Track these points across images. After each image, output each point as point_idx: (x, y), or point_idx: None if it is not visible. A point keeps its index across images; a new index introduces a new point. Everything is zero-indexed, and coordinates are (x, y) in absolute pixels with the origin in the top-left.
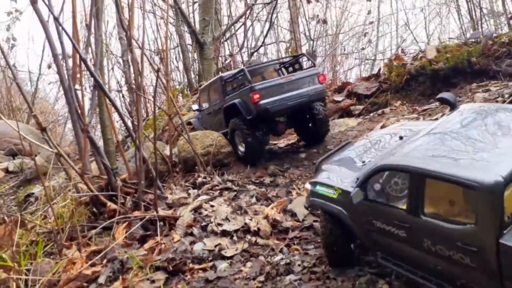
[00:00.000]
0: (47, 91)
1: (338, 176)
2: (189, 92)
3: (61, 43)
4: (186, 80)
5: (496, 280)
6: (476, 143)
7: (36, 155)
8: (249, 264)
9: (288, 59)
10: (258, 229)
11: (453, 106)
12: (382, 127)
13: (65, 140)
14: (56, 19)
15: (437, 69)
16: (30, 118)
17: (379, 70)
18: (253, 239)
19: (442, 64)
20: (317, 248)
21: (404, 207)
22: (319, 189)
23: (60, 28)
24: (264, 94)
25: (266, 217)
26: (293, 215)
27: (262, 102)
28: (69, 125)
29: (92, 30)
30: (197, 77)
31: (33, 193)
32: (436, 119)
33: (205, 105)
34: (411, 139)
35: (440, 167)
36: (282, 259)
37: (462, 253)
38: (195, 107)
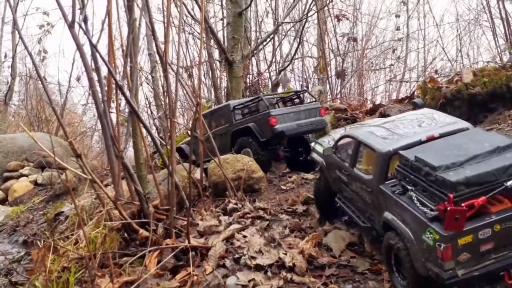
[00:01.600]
0: (75, 101)
1: (329, 140)
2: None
3: (97, 69)
4: (213, 97)
5: (376, 210)
6: (402, 130)
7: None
8: None
9: (292, 93)
10: (294, 264)
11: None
12: None
13: (91, 152)
14: (94, 46)
15: (474, 93)
16: (59, 129)
17: (413, 92)
18: (289, 275)
19: (480, 89)
20: (355, 287)
21: (351, 161)
22: (316, 146)
23: (97, 54)
24: (280, 119)
25: (302, 252)
26: (329, 249)
27: (277, 126)
28: (96, 136)
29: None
30: (225, 95)
31: (62, 212)
32: None
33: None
34: (368, 124)
35: (368, 139)
36: None
37: (366, 193)
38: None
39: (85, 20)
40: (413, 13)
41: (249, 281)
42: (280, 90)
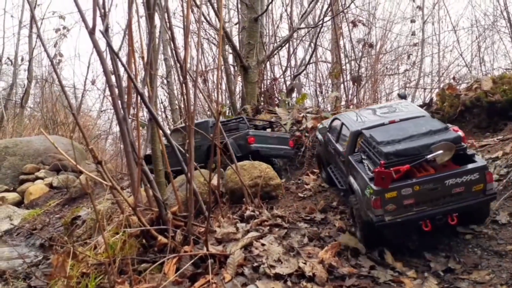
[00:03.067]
0: (90, 104)
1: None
2: (232, 115)
3: (118, 76)
4: (228, 102)
5: (346, 176)
6: (375, 115)
7: (81, 173)
8: None
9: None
10: (314, 274)
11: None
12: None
13: (106, 155)
14: (116, 54)
15: (493, 101)
16: (74, 132)
17: (431, 99)
18: (309, 285)
19: (499, 97)
20: None
21: (335, 137)
22: (319, 126)
23: (118, 61)
24: (257, 139)
25: (321, 262)
26: (348, 259)
27: (254, 145)
28: (110, 139)
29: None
30: (240, 100)
31: (79, 216)
32: (497, 157)
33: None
34: (355, 112)
35: (347, 120)
36: None
37: (341, 163)
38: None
39: (106, 28)
40: (428, 18)
41: None
42: (294, 95)
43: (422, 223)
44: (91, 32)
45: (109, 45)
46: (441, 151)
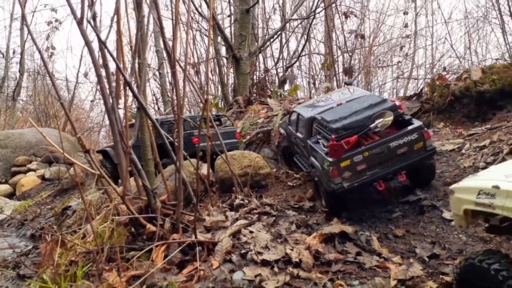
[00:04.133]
0: (82, 97)
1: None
2: (224, 106)
3: (106, 65)
4: (220, 93)
5: (307, 158)
6: (325, 101)
7: (73, 164)
8: None
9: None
10: (300, 260)
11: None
12: None
13: (98, 147)
14: (103, 42)
15: (482, 91)
16: (66, 124)
17: (421, 89)
18: (295, 271)
19: (488, 86)
20: (363, 284)
21: (295, 128)
22: (280, 121)
23: (106, 50)
24: (202, 139)
25: (308, 248)
26: (335, 245)
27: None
28: (103, 132)
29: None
30: (232, 91)
31: (70, 206)
32: (484, 145)
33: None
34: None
35: (301, 110)
36: None
37: (303, 148)
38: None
39: (94, 17)
40: (421, 10)
41: (256, 276)
42: (287, 86)
43: (376, 184)
44: (79, 22)
45: (96, 33)
46: (381, 119)
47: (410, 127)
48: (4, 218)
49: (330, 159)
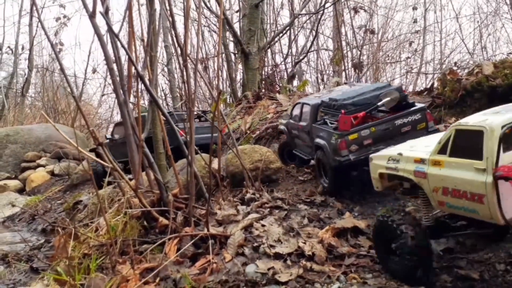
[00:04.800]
0: (91, 93)
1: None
2: (233, 102)
3: (118, 58)
4: (229, 89)
5: (311, 142)
6: (331, 94)
7: (83, 160)
8: None
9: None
10: (313, 253)
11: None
12: None
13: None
14: (116, 36)
15: (495, 85)
16: (75, 120)
17: (432, 84)
18: (308, 264)
19: (500, 81)
20: (376, 277)
21: (298, 119)
22: (280, 120)
23: (118, 43)
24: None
25: (321, 241)
26: (348, 239)
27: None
28: (111, 128)
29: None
30: (241, 86)
31: (81, 201)
32: None
33: (117, 136)
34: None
35: (307, 101)
36: (339, 287)
37: (306, 134)
38: (116, 136)
39: (106, 11)
40: (430, 6)
41: (269, 269)
42: (296, 82)
43: None
44: (92, 16)
45: (109, 26)
46: (388, 98)
47: (414, 108)
48: (15, 213)
49: (339, 132)
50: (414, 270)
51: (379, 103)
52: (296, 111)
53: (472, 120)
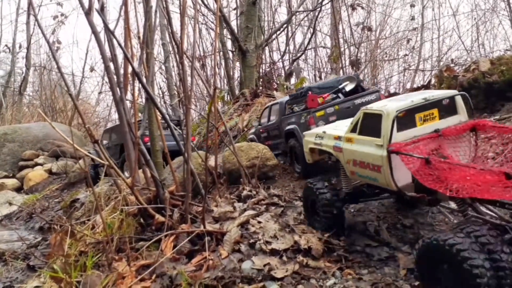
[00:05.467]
0: (88, 91)
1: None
2: (231, 99)
3: (114, 55)
4: (226, 86)
5: (280, 134)
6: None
7: (80, 158)
8: (300, 287)
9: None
10: (309, 247)
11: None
12: None
13: None
14: (111, 33)
15: (491, 82)
16: (73, 119)
17: (429, 81)
18: (304, 260)
19: (497, 77)
20: (371, 273)
21: (267, 120)
22: (249, 136)
23: (115, 41)
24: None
25: (316, 235)
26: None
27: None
28: (109, 126)
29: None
30: (238, 84)
31: (78, 199)
32: (493, 136)
33: (105, 141)
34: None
35: (275, 101)
36: (335, 283)
37: (276, 131)
38: (105, 141)
39: (102, 7)
40: (428, 3)
41: (265, 265)
42: (293, 80)
43: None
44: (87, 13)
45: (105, 24)
46: (347, 82)
47: (371, 90)
48: (13, 211)
49: (307, 110)
50: (330, 226)
51: (341, 86)
52: (265, 115)
53: (375, 106)
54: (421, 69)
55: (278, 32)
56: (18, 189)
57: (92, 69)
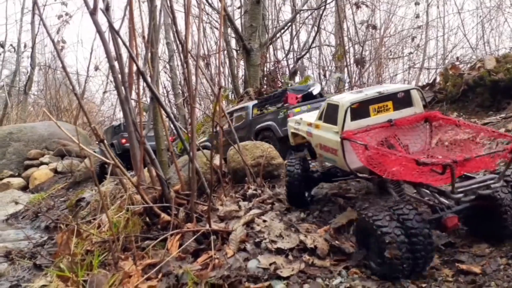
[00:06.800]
0: (93, 90)
1: None
2: (235, 98)
3: (119, 55)
4: (231, 85)
5: (251, 130)
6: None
7: (85, 157)
8: (306, 286)
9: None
10: (315, 246)
11: None
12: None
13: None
14: (116, 32)
15: (497, 80)
16: (78, 118)
17: (434, 79)
18: (310, 259)
19: (503, 75)
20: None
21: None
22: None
23: (119, 40)
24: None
25: (322, 236)
26: (349, 233)
27: (126, 144)
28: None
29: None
30: (243, 83)
31: (84, 198)
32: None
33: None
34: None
35: (242, 106)
36: (341, 282)
37: (247, 130)
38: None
39: (107, 7)
40: (433, 1)
41: (270, 264)
42: (297, 78)
43: None
44: (92, 13)
45: (109, 23)
46: (314, 87)
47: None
48: (19, 210)
49: (286, 107)
50: (301, 196)
51: (310, 89)
52: (233, 122)
53: (336, 97)
54: (426, 67)
55: (283, 31)
56: (24, 188)
57: (96, 68)
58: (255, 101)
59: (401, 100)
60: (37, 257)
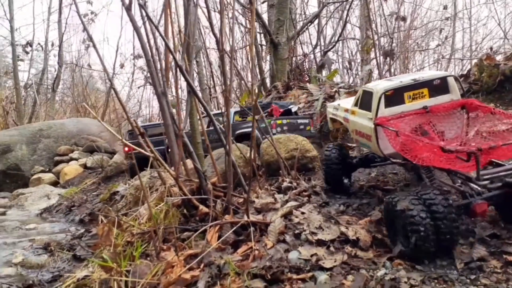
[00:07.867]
0: (119, 88)
1: None
2: (263, 92)
3: (156, 49)
4: (259, 79)
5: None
6: None
7: (115, 153)
8: (350, 277)
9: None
10: (357, 238)
11: None
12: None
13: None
14: (155, 26)
15: None
16: (105, 115)
17: (469, 70)
18: (353, 250)
19: None
20: (423, 264)
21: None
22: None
23: (157, 33)
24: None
25: (363, 228)
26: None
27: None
28: (139, 121)
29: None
30: (269, 77)
31: (118, 192)
32: None
33: None
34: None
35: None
36: (386, 274)
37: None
38: None
39: (144, 2)
40: None
41: (312, 255)
42: (325, 72)
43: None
44: (128, 8)
45: (148, 17)
46: (293, 105)
47: (305, 116)
48: (52, 205)
49: (271, 118)
50: (339, 182)
51: (290, 107)
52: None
53: (371, 84)
54: (458, 58)
55: (309, 24)
56: (55, 184)
57: (122, 66)
58: (238, 108)
59: (437, 87)
60: (76, 248)
